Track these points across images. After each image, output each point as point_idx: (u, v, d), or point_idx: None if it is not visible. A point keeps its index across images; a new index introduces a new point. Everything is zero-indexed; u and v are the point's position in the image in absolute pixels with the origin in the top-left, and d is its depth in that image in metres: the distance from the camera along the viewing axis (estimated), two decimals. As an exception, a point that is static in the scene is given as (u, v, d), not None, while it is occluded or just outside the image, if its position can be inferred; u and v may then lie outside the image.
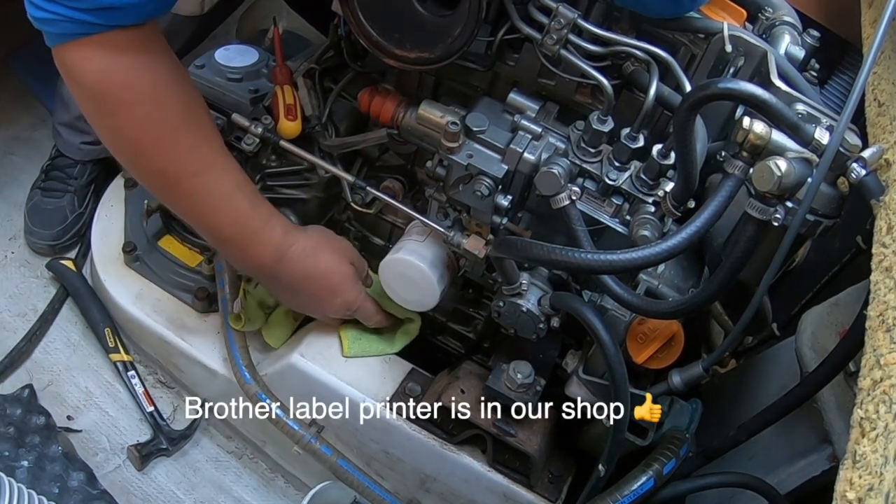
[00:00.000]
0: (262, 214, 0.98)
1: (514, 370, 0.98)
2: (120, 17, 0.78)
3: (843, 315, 0.86)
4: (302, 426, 1.14)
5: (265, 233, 0.99)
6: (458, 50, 0.83)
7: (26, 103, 1.75)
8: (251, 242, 0.99)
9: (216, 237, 1.00)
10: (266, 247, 0.99)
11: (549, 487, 1.07)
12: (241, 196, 0.95)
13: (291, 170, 1.15)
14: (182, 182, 0.92)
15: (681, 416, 0.98)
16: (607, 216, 0.85)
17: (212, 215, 0.96)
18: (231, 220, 0.96)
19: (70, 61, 0.81)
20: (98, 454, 1.29)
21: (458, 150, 0.88)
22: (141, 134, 0.87)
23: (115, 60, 0.81)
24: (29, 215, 1.52)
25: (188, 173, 0.92)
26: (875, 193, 0.66)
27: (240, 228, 0.97)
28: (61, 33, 0.78)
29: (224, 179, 0.94)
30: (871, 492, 0.46)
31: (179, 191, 0.94)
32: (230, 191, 0.94)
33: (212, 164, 0.93)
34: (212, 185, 0.93)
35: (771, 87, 0.79)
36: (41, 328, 1.40)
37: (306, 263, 1.03)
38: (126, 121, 0.86)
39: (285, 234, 1.01)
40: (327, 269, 1.05)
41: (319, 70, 1.11)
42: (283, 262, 1.01)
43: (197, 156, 0.91)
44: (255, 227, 0.98)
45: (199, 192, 0.93)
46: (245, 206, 0.96)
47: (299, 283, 1.05)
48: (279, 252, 1.00)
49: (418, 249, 1.01)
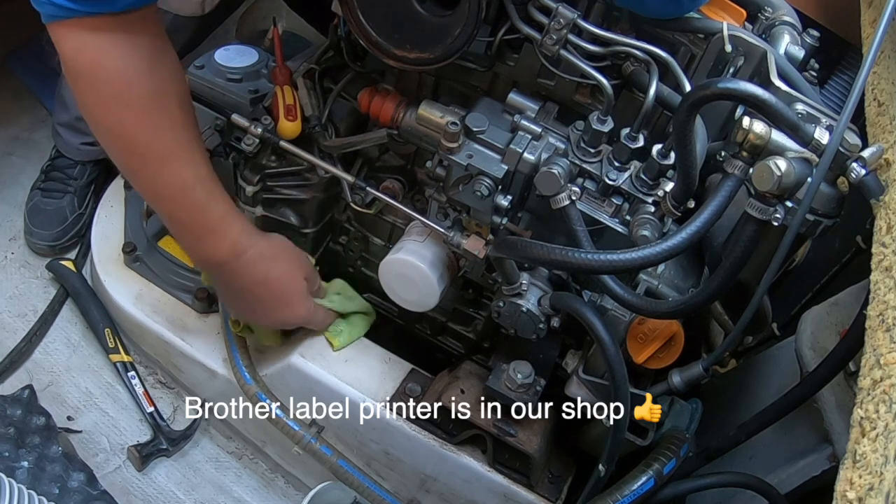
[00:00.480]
0: (221, 210, 0.98)
1: (515, 370, 0.98)
2: (98, 6, 0.80)
3: (842, 315, 0.86)
4: (302, 426, 1.14)
5: (221, 229, 0.98)
6: (458, 50, 0.83)
7: (26, 104, 1.75)
8: (205, 235, 0.98)
9: (172, 225, 1.01)
10: (221, 243, 0.99)
11: (550, 487, 1.07)
12: (200, 189, 0.95)
13: (291, 170, 1.15)
14: (142, 166, 0.93)
15: (681, 416, 0.98)
16: (607, 216, 0.85)
17: (169, 202, 0.96)
18: (187, 209, 0.96)
19: (55, 39, 0.84)
20: (98, 455, 1.29)
21: (458, 150, 0.88)
22: (106, 113, 0.89)
23: (89, 40, 0.83)
24: (29, 216, 1.52)
25: (150, 158, 0.92)
26: (875, 193, 0.66)
27: (195, 219, 0.97)
28: (47, 14, 0.81)
29: (185, 169, 0.93)
30: (872, 491, 0.46)
31: (139, 174, 0.94)
32: (190, 182, 0.94)
33: (173, 152, 0.92)
34: (172, 174, 0.93)
35: (771, 86, 0.79)
36: (41, 329, 1.40)
37: (261, 268, 1.02)
38: (94, 99, 0.88)
39: (244, 234, 1.00)
40: (282, 279, 1.04)
41: (319, 70, 1.11)
42: (238, 261, 1.01)
43: (159, 141, 0.91)
44: (211, 221, 0.97)
45: (158, 178, 0.93)
46: (203, 198, 0.95)
47: (250, 288, 1.04)
48: (235, 250, 1.00)
49: (418, 250, 1.01)
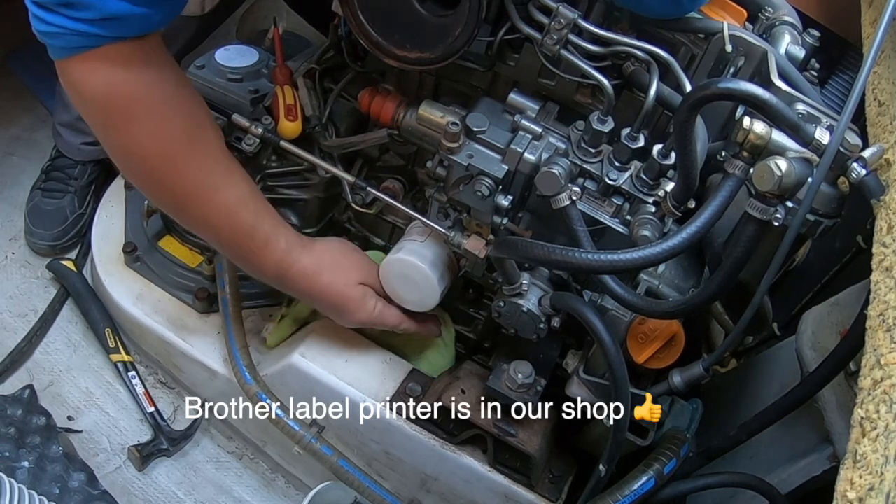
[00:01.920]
0: (267, 229, 0.97)
1: (515, 370, 0.98)
2: (125, 29, 0.76)
3: (843, 315, 0.86)
4: (302, 426, 1.14)
5: (267, 249, 0.98)
6: (459, 50, 0.83)
7: (26, 104, 1.75)
8: (255, 257, 0.98)
9: (222, 249, 1.02)
10: (269, 262, 0.99)
11: (550, 487, 1.07)
12: (245, 211, 0.95)
13: (292, 170, 1.15)
14: (188, 197, 0.92)
15: (681, 416, 0.98)
16: (608, 216, 0.85)
17: (217, 230, 0.96)
18: (235, 234, 0.96)
19: (75, 75, 0.79)
20: (99, 455, 1.29)
21: (459, 150, 0.88)
22: (147, 150, 0.86)
23: (120, 74, 0.79)
24: (29, 216, 1.52)
25: (197, 189, 0.91)
26: (875, 193, 0.66)
27: (242, 242, 0.97)
28: (66, 46, 0.76)
29: (230, 194, 0.93)
30: (872, 491, 0.46)
31: (186, 206, 0.94)
32: (235, 206, 0.93)
33: (218, 178, 0.92)
34: (217, 203, 0.92)
35: (771, 86, 0.79)
36: (41, 329, 1.40)
37: (307, 283, 1.02)
38: (132, 136, 0.85)
39: (287, 251, 0.99)
40: (329, 292, 1.03)
41: (319, 70, 1.11)
42: (285, 279, 1.01)
43: (203, 170, 0.90)
44: (258, 244, 0.97)
45: (205, 206, 0.92)
46: (250, 220, 0.95)
47: (309, 297, 1.05)
48: (280, 269, 1.00)
49: (419, 250, 1.01)
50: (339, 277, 1.03)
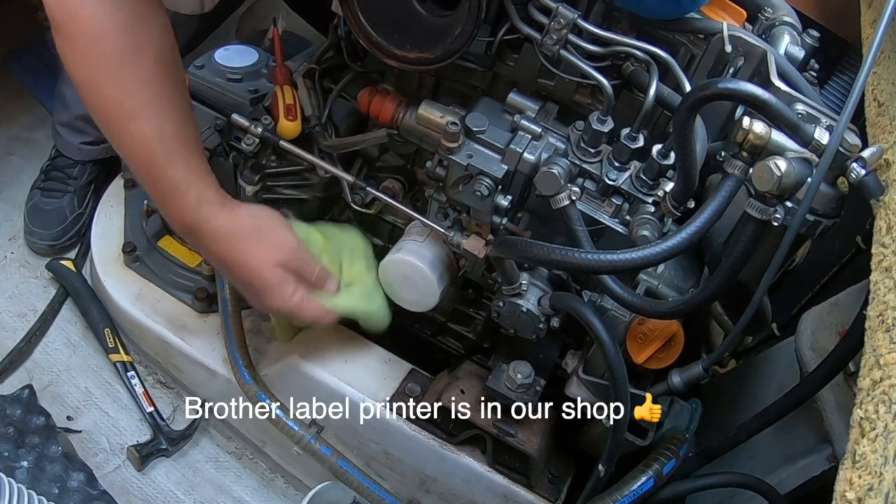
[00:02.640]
0: (178, 174, 0.91)
1: (514, 370, 0.98)
2: None
3: (842, 315, 0.86)
4: (302, 426, 1.14)
5: (175, 197, 0.92)
6: (458, 50, 0.83)
7: (26, 104, 1.75)
8: (161, 201, 0.93)
9: (142, 183, 0.96)
10: (174, 212, 0.93)
11: (549, 488, 1.07)
12: (157, 148, 0.89)
13: (291, 170, 1.15)
14: (109, 121, 0.89)
15: (681, 416, 0.98)
16: (607, 216, 0.85)
17: (130, 161, 0.92)
18: (146, 170, 0.91)
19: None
20: (98, 454, 1.29)
21: (458, 150, 0.88)
22: (77, 59, 0.86)
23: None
24: (28, 215, 1.52)
25: (116, 113, 0.88)
26: (875, 193, 0.66)
27: (150, 181, 0.92)
28: None
29: (148, 126, 0.88)
30: (871, 492, 0.46)
31: (108, 129, 0.91)
32: (148, 140, 0.89)
33: (137, 108, 0.88)
34: (135, 130, 0.89)
35: (771, 87, 0.80)
36: (41, 328, 1.40)
37: (217, 249, 0.95)
38: (67, 45, 0.85)
39: (196, 207, 0.92)
40: (241, 267, 0.96)
41: (319, 70, 1.11)
42: (193, 236, 0.95)
43: (126, 97, 0.87)
44: (165, 187, 0.92)
45: (124, 134, 0.89)
46: (160, 161, 0.90)
47: (220, 267, 0.99)
48: (185, 223, 0.93)
49: (418, 250, 1.01)
50: (254, 252, 0.95)
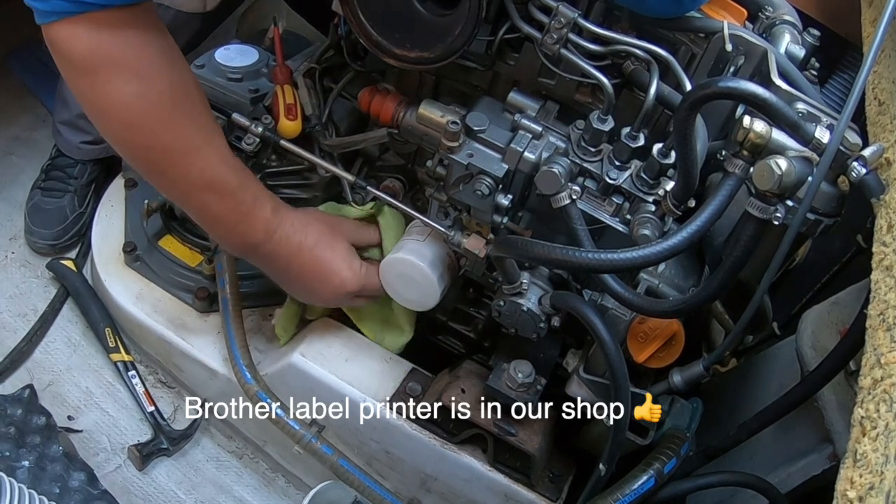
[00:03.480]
0: (252, 192, 0.97)
1: (515, 369, 0.98)
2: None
3: (843, 314, 0.86)
4: (302, 426, 1.14)
5: (255, 211, 0.97)
6: (459, 49, 0.83)
7: (26, 103, 1.75)
8: (241, 221, 0.97)
9: (205, 217, 0.99)
10: (256, 223, 0.98)
11: (550, 487, 1.07)
12: (230, 174, 0.94)
13: (292, 169, 1.15)
14: (170, 161, 0.91)
15: (681, 415, 0.98)
16: (607, 215, 0.85)
17: (200, 195, 0.94)
18: (220, 196, 0.94)
19: (59, 39, 0.80)
20: (99, 454, 1.29)
21: (459, 149, 0.88)
22: (128, 112, 0.86)
23: (104, 37, 0.80)
24: (29, 215, 1.52)
25: (176, 151, 0.90)
26: (875, 192, 0.66)
27: (229, 207, 0.95)
28: (51, 11, 0.76)
29: (213, 157, 0.92)
30: (872, 491, 0.46)
31: (168, 171, 0.92)
32: (219, 170, 0.93)
33: (199, 143, 0.91)
34: (201, 164, 0.91)
35: (771, 85, 0.79)
36: (41, 328, 1.40)
37: (296, 238, 1.01)
38: (114, 98, 0.85)
39: (275, 211, 0.99)
40: (318, 245, 1.02)
41: (319, 70, 1.11)
42: (273, 239, 0.99)
43: (186, 132, 0.90)
44: (245, 206, 0.96)
45: (188, 170, 0.92)
46: (235, 184, 0.94)
47: (292, 261, 1.03)
48: (268, 229, 0.98)
49: (419, 249, 1.01)
50: (327, 231, 1.03)
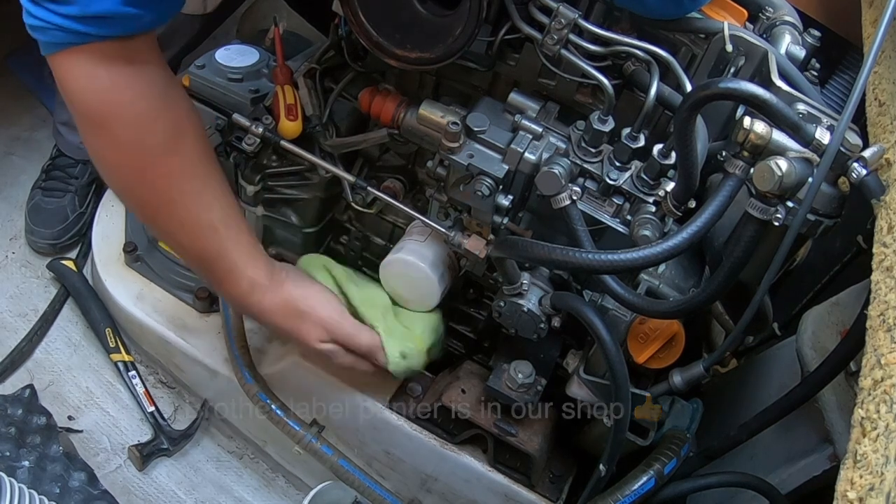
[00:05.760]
0: (231, 260, 0.94)
1: (515, 370, 0.98)
2: (111, 28, 0.73)
3: (843, 315, 0.86)
4: (302, 426, 1.14)
5: (228, 282, 0.95)
6: (459, 50, 0.83)
7: (27, 103, 1.75)
8: (215, 284, 0.97)
9: (190, 267, 1.00)
10: (228, 294, 0.97)
11: (550, 487, 1.07)
12: (211, 236, 0.91)
13: (292, 170, 1.14)
14: (156, 211, 0.89)
15: (682, 415, 0.98)
16: (608, 216, 0.85)
17: (181, 248, 0.94)
18: (198, 257, 0.94)
19: (60, 71, 0.78)
20: (99, 454, 1.29)
21: (459, 150, 0.88)
22: (118, 158, 0.84)
23: (99, 74, 0.77)
24: (30, 215, 1.52)
25: (163, 202, 0.88)
26: (876, 193, 0.66)
27: (204, 266, 0.95)
28: (51, 42, 0.74)
29: (197, 215, 0.89)
30: (872, 491, 0.46)
31: (155, 219, 0.91)
32: (201, 228, 0.90)
33: (188, 196, 0.88)
34: (184, 218, 0.89)
35: (772, 86, 0.79)
36: (42, 328, 1.40)
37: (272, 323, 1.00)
38: (105, 143, 0.83)
39: (249, 292, 0.96)
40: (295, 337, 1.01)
41: (320, 70, 1.11)
42: (247, 314, 1.00)
43: (174, 186, 0.87)
44: (219, 273, 0.95)
45: (170, 222, 0.90)
46: (214, 247, 0.92)
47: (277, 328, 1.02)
48: (239, 303, 0.98)
49: (419, 249, 1.01)
50: (302, 329, 0.99)
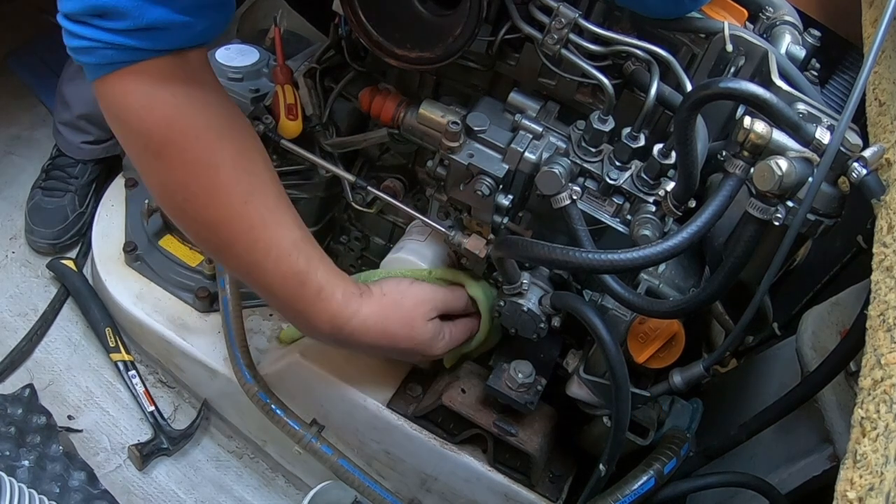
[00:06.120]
0: (320, 277, 0.87)
1: (515, 370, 0.98)
2: (166, 40, 0.69)
3: (843, 315, 0.86)
4: (303, 426, 1.14)
5: (321, 299, 0.87)
6: (459, 49, 0.83)
7: (27, 103, 1.75)
8: (307, 308, 0.88)
9: (271, 299, 0.89)
10: (323, 315, 0.88)
11: (550, 487, 1.07)
12: (297, 255, 0.84)
13: (292, 169, 1.15)
14: (234, 238, 0.81)
15: (682, 415, 0.98)
16: (608, 216, 0.85)
17: (265, 274, 0.85)
18: (285, 280, 0.85)
19: (111, 96, 0.72)
20: (99, 454, 1.29)
21: (459, 149, 0.88)
22: (189, 180, 0.77)
23: (160, 94, 0.71)
24: (30, 215, 1.52)
25: (242, 227, 0.81)
26: (876, 193, 0.66)
27: (293, 291, 0.86)
28: (101, 63, 0.68)
29: (281, 236, 0.83)
30: (872, 491, 0.46)
31: (232, 247, 0.83)
32: (286, 248, 0.83)
33: (269, 217, 0.82)
34: (268, 241, 0.82)
35: (772, 86, 0.79)
36: (42, 328, 1.40)
37: (371, 337, 0.92)
38: (172, 165, 0.76)
39: (344, 304, 0.88)
40: (397, 341, 0.94)
41: (320, 70, 1.11)
42: (342, 333, 0.90)
43: (252, 208, 0.80)
44: (310, 292, 0.86)
45: (253, 248, 0.82)
46: (302, 266, 0.85)
47: (372, 351, 0.97)
48: (336, 323, 0.89)
49: (419, 249, 1.01)
50: (405, 323, 0.93)
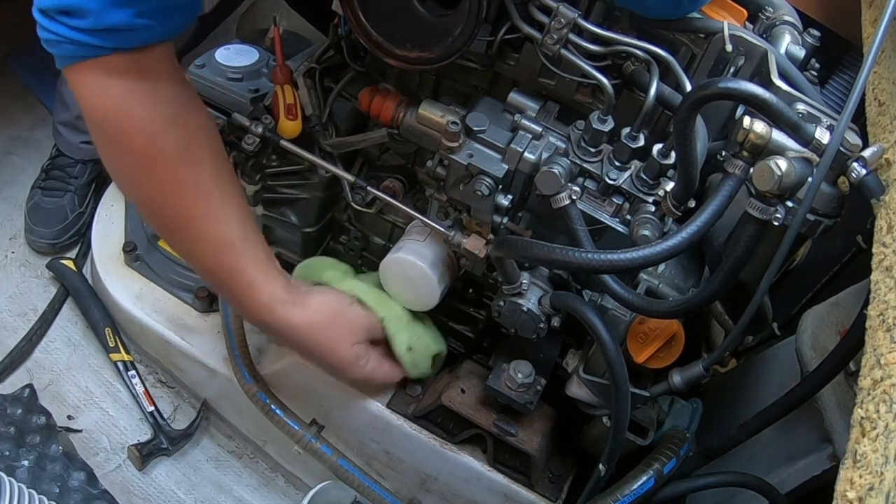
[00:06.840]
0: (249, 276, 0.91)
1: (515, 370, 0.98)
2: (124, 40, 0.73)
3: (843, 314, 0.86)
4: (302, 426, 1.14)
5: (249, 298, 0.92)
6: (459, 49, 0.83)
7: (26, 103, 1.75)
8: (236, 301, 0.95)
9: (209, 285, 0.97)
10: (249, 311, 0.94)
11: (550, 487, 1.07)
12: (229, 251, 0.89)
13: (292, 169, 1.15)
14: (174, 225, 0.88)
15: (681, 415, 0.98)
16: (607, 216, 0.85)
17: (200, 264, 0.92)
18: (218, 272, 0.91)
19: (74, 85, 0.77)
20: (98, 454, 1.29)
21: (459, 149, 0.88)
22: (135, 168, 0.83)
23: (113, 87, 0.76)
24: (29, 215, 1.52)
25: (178, 218, 0.86)
26: (875, 193, 0.66)
27: (224, 283, 0.92)
28: (64, 55, 0.74)
29: (216, 229, 0.87)
30: (872, 491, 0.46)
31: (172, 234, 0.90)
32: (220, 243, 0.88)
33: (205, 210, 0.86)
34: (203, 233, 0.87)
35: (771, 86, 0.79)
36: (41, 328, 1.40)
37: (296, 341, 0.98)
38: (121, 154, 0.82)
39: (270, 307, 0.93)
40: (318, 353, 0.99)
41: (320, 70, 1.11)
42: (269, 331, 0.97)
43: (189, 202, 0.85)
44: (240, 288, 0.91)
45: (189, 237, 0.88)
46: (233, 262, 0.90)
47: (299, 352, 1.02)
48: (263, 320, 0.95)
49: (419, 249, 1.01)
50: (332, 339, 0.98)
